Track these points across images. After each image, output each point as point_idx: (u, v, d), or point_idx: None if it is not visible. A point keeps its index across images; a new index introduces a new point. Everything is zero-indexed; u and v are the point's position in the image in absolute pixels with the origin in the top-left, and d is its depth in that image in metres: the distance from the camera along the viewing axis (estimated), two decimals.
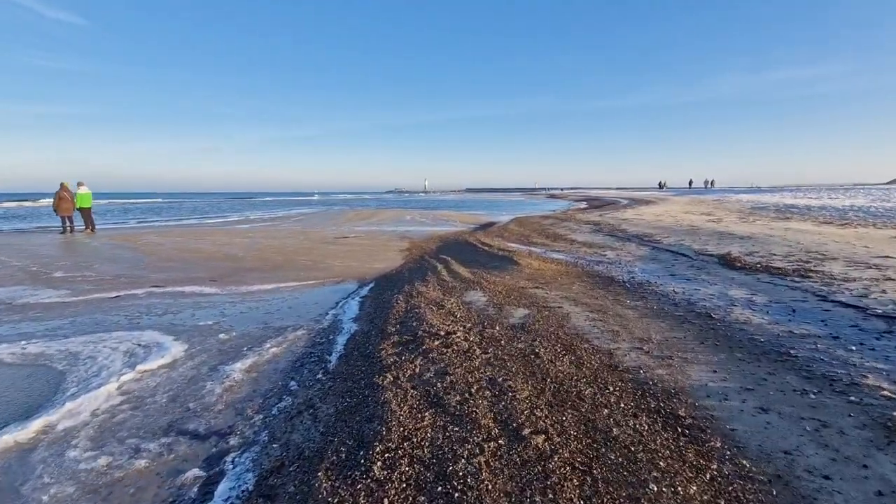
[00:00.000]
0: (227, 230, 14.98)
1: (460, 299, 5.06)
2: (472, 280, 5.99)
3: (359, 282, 6.85)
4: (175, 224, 19.20)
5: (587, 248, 8.41)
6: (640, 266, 6.33)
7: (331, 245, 10.70)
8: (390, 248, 10.19)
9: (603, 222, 13.18)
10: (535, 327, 3.88)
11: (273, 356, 3.82)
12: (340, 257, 8.95)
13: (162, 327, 4.60)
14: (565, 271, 6.28)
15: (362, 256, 9.04)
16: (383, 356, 3.48)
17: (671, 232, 9.77)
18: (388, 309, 4.92)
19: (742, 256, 6.26)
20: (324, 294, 6.10)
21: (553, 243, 9.50)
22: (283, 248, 10.22)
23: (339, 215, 23.90)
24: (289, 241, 11.34)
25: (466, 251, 8.92)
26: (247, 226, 17.60)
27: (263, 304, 5.57)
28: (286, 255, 9.25)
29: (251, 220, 21.35)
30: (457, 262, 7.61)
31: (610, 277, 5.62)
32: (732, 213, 13.95)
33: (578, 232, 11.23)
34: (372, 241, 11.32)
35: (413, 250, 9.64)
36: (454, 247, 9.72)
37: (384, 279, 6.86)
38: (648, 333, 3.54)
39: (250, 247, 10.35)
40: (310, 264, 8.22)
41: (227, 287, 6.46)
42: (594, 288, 5.19)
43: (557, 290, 5.19)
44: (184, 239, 11.88)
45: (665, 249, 7.47)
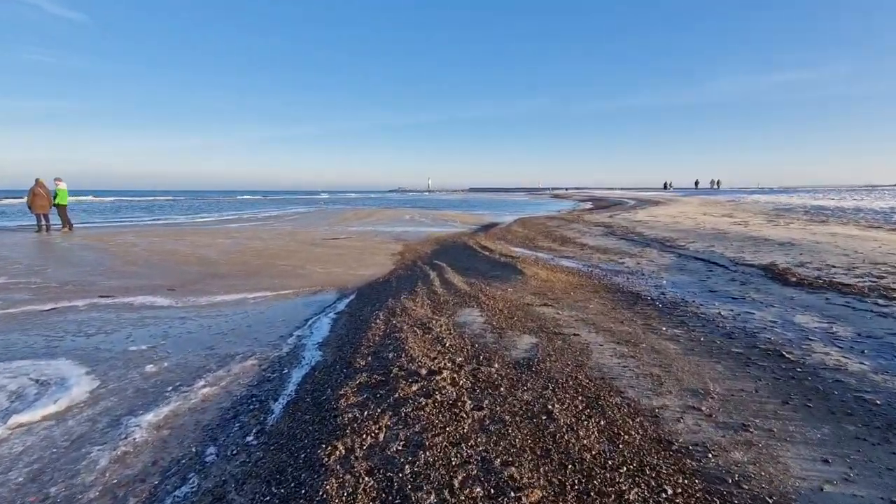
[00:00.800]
0: (213, 230, 14.13)
1: (452, 320, 4.14)
2: (468, 293, 5.07)
3: (339, 292, 5.96)
4: (162, 223, 18.39)
5: (601, 253, 7.45)
6: (668, 278, 5.38)
7: (317, 248, 9.81)
8: (381, 251, 9.29)
9: (615, 224, 12.21)
10: (545, 366, 2.95)
11: (202, 400, 2.92)
12: (324, 262, 8.05)
13: (81, 354, 3.71)
14: (579, 283, 5.34)
15: (349, 261, 8.14)
16: (340, 408, 2.57)
17: (695, 236, 8.78)
18: (364, 331, 4.02)
19: (792, 268, 5.30)
20: (295, 308, 5.20)
21: (561, 248, 8.55)
22: (265, 250, 9.34)
23: (337, 214, 23.04)
24: (273, 243, 10.46)
25: (464, 256, 8.00)
26: (236, 225, 16.75)
27: (220, 320, 4.68)
28: (266, 258, 8.37)
29: (244, 219, 20.51)
30: (452, 269, 6.68)
31: (634, 293, 4.68)
32: (756, 214, 12.94)
33: (589, 235, 10.27)
34: (363, 244, 10.41)
35: (406, 254, 8.72)
36: (451, 251, 8.80)
37: (368, 289, 5.96)
38: (703, 381, 2.60)
39: (230, 249, 9.48)
40: (289, 270, 7.32)
41: (185, 298, 5.58)
42: (617, 307, 4.25)
43: (571, 309, 4.26)
44: (162, 239, 11.02)
45: (693, 257, 6.51)
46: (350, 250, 9.39)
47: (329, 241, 10.95)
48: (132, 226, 16.42)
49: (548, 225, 13.48)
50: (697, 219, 12.41)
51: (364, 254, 8.95)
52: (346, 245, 10.13)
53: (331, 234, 12.44)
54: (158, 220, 19.74)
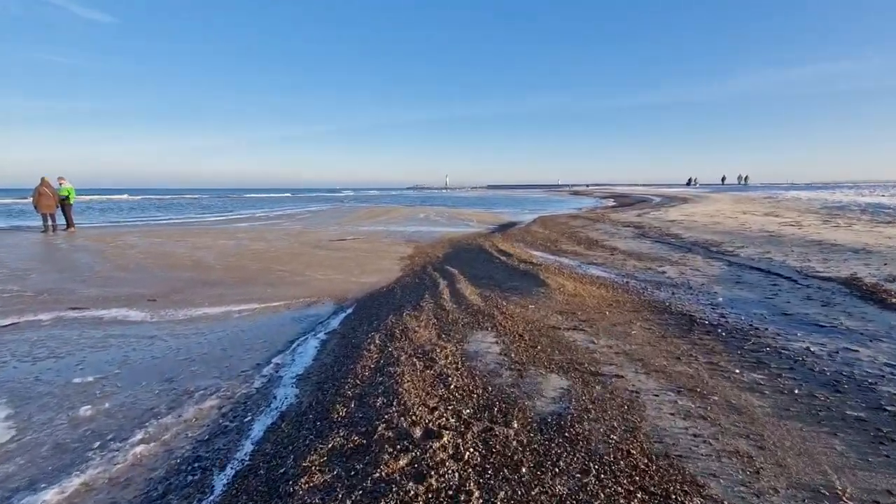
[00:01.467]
0: (220, 229, 13.71)
1: (461, 347, 3.38)
2: (481, 310, 4.29)
3: (336, 304, 5.27)
4: (173, 222, 18.18)
5: (636, 260, 6.54)
6: (723, 294, 4.47)
7: (322, 250, 9.17)
8: (390, 254, 8.58)
9: (645, 224, 11.18)
10: (583, 429, 2.16)
11: (130, 465, 2.24)
12: (326, 267, 7.39)
13: (15, 388, 3.10)
14: (614, 299, 4.49)
15: (353, 266, 7.46)
16: (297, 494, 1.84)
17: (743, 239, 7.73)
18: (354, 360, 3.30)
19: (884, 284, 4.32)
20: (281, 325, 4.53)
21: (589, 252, 7.66)
22: (266, 252, 8.75)
23: (351, 213, 22.51)
24: (277, 244, 9.88)
25: (479, 261, 7.21)
26: (246, 224, 16.35)
27: (193, 341, 4.04)
28: (265, 262, 7.76)
29: (255, 218, 20.18)
30: (465, 277, 5.91)
31: (686, 314, 3.81)
32: (804, 213, 11.69)
33: (618, 237, 9.31)
34: (371, 246, 9.73)
35: (416, 259, 7.99)
36: (466, 255, 8.02)
37: (369, 301, 5.25)
38: (821, 470, 1.77)
39: (230, 251, 8.93)
40: (286, 276, 6.68)
41: (163, 311, 4.98)
42: (666, 334, 3.40)
43: (608, 336, 3.43)
44: (164, 240, 10.59)
45: (749, 266, 5.55)
46: (356, 254, 8.72)
47: (335, 242, 10.32)
48: (143, 225, 16.21)
49: (571, 225, 12.54)
50: (739, 218, 11.26)
51: (370, 258, 8.25)
52: (353, 248, 9.46)
53: (339, 235, 11.81)
54: (171, 220, 19.58)
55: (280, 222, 17.26)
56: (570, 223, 13.01)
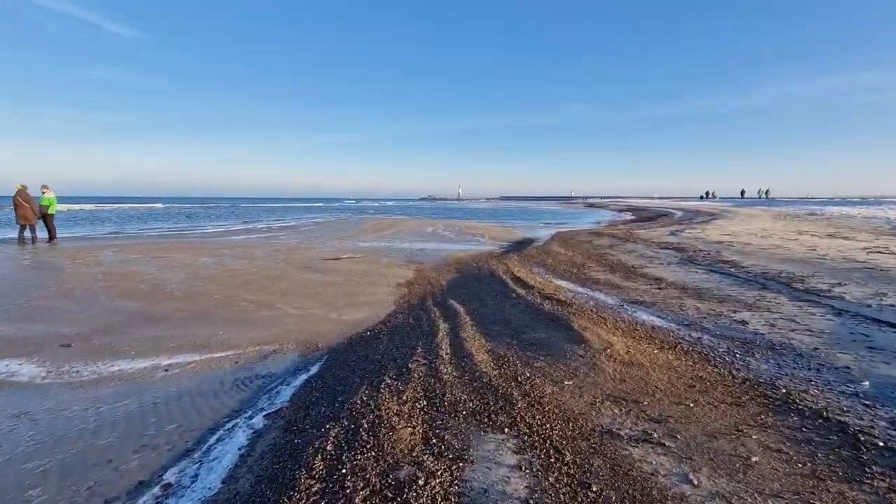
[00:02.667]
0: (209, 243, 12.61)
1: (457, 476, 2.01)
2: (494, 386, 2.92)
3: (301, 356, 3.98)
4: (168, 233, 17.26)
5: (695, 299, 5.07)
6: (863, 370, 2.93)
7: (310, 272, 7.91)
8: (386, 279, 7.27)
9: (687, 245, 9.61)
10: None
11: None
12: (307, 296, 6.11)
13: None
14: (692, 373, 3.05)
15: (338, 295, 6.16)
16: None
17: (829, 271, 6.05)
18: (283, 487, 1.96)
19: None
20: (215, 393, 3.25)
21: (628, 284, 6.22)
22: (243, 274, 7.52)
23: (356, 225, 21.37)
24: (261, 264, 8.66)
25: (492, 294, 5.84)
26: (242, 237, 15.27)
27: (74, 425, 2.78)
28: (234, 288, 6.51)
29: (257, 230, 19.17)
30: (473, 320, 4.56)
31: (832, 419, 2.31)
32: (879, 234, 10.02)
33: (658, 262, 7.83)
34: (367, 267, 8.44)
35: (415, 286, 6.66)
36: (475, 284, 6.67)
37: (343, 353, 3.93)
38: None
39: (201, 272, 7.73)
40: (250, 310, 5.42)
41: (70, 363, 3.74)
42: (817, 467, 1.97)
43: (715, 469, 2.01)
44: (139, 256, 9.48)
45: (870, 318, 3.98)
46: (347, 277, 7.43)
47: (328, 262, 9.06)
48: (136, 237, 15.28)
49: (596, 244, 11.07)
50: (800, 240, 9.63)
51: (362, 283, 6.95)
52: (345, 269, 8.18)
53: (334, 252, 10.57)
54: (171, 230, 18.72)
55: (279, 235, 16.16)
56: (595, 242, 11.53)
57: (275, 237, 15.21)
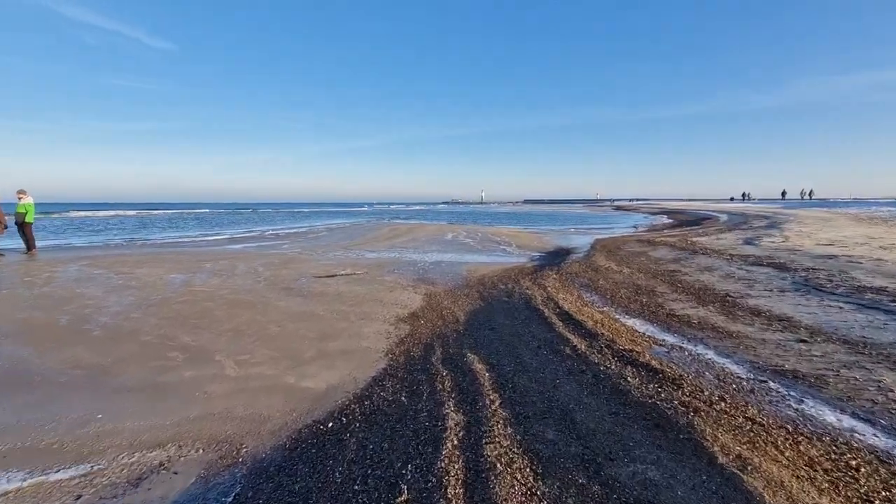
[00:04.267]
0: (197, 253, 11.14)
1: None
2: None
3: (200, 479, 2.17)
4: (161, 242, 16.07)
5: (887, 367, 3.03)
6: None
7: (289, 297, 6.18)
8: (383, 309, 5.46)
9: (783, 259, 7.30)
10: None
11: None
12: (265, 338, 4.35)
13: None
14: None
15: (310, 338, 4.38)
16: None
17: None
18: None
19: None
20: None
21: (737, 327, 4.18)
22: (204, 300, 5.86)
23: (370, 231, 19.75)
24: (236, 283, 7.01)
25: (531, 345, 3.93)
26: (239, 246, 13.82)
27: None
28: (176, 324, 4.83)
29: (261, 237, 17.82)
30: (505, 406, 2.68)
31: None
32: None
33: (759, 286, 5.70)
34: (364, 289, 6.65)
35: (421, 322, 4.82)
36: (504, 319, 4.77)
37: (273, 479, 2.09)
38: None
39: (154, 296, 6.12)
40: (174, 366, 3.69)
41: None
42: None
43: None
44: (104, 271, 8.04)
45: None
46: (333, 305, 5.65)
47: (320, 280, 7.33)
48: (123, 247, 14.08)
49: (654, 256, 8.95)
50: None
51: (350, 316, 5.15)
52: (335, 292, 6.41)
53: (330, 267, 8.85)
54: (168, 240, 17.60)
55: (282, 243, 14.66)
56: (652, 254, 9.39)
57: (276, 246, 13.70)
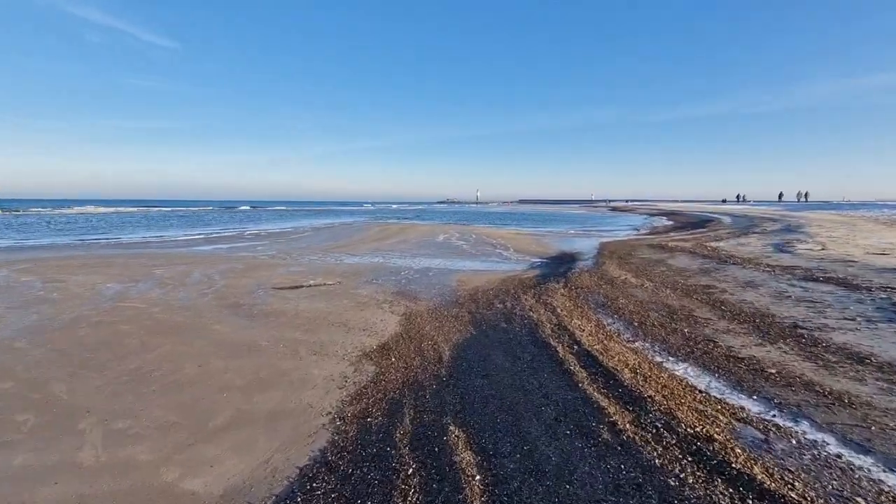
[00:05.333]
0: (155, 256, 9.84)
1: None
2: None
3: None
4: (126, 243, 14.76)
5: None
6: None
7: (232, 318, 4.96)
8: (346, 339, 4.24)
9: (843, 274, 6.03)
10: None
11: None
12: (168, 388, 3.13)
13: None
14: None
15: (233, 387, 3.16)
16: None
17: None
18: None
19: None
20: None
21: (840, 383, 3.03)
22: (122, 321, 4.63)
23: (358, 232, 18.50)
24: (174, 297, 5.77)
25: (540, 399, 2.76)
26: (209, 248, 12.54)
27: None
28: (63, 362, 3.59)
29: (237, 237, 16.51)
30: None
31: None
32: None
33: (832, 310, 4.51)
34: (330, 307, 5.43)
35: (392, 360, 3.61)
36: (502, 358, 3.59)
37: None
38: None
39: (65, 315, 4.90)
40: (12, 442, 2.44)
41: None
42: None
43: None
44: (34, 278, 6.79)
45: None
46: (285, 330, 4.43)
47: (280, 294, 6.11)
48: (81, 248, 12.75)
49: (675, 266, 7.80)
50: None
51: (302, 349, 3.93)
52: (292, 312, 5.18)
53: (298, 277, 7.63)
54: (133, 240, 16.28)
55: (257, 245, 13.37)
56: (670, 262, 8.23)
57: (250, 248, 12.42)
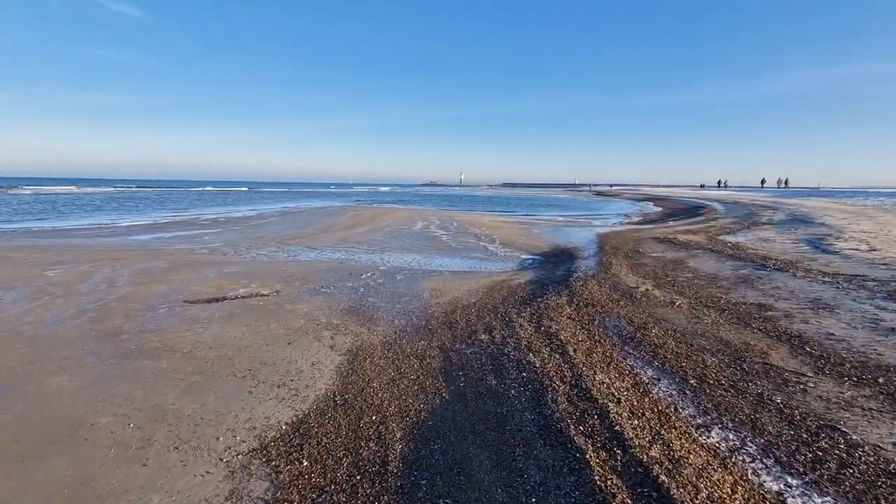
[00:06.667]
0: (59, 249, 8.05)
1: None
2: None
3: None
4: (44, 230, 12.80)
5: None
6: None
7: (90, 364, 3.40)
8: (249, 403, 2.76)
9: None
10: None
11: None
12: None
13: None
14: None
15: None
16: None
17: None
18: None
19: None
20: None
21: None
22: None
23: (326, 217, 16.74)
24: (41, 318, 4.16)
25: None
26: (147, 236, 10.72)
27: None
28: None
29: (186, 224, 14.63)
30: None
31: None
32: None
33: None
34: (249, 339, 3.90)
35: (306, 461, 2.13)
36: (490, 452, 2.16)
37: None
38: None
39: None
40: None
41: None
42: None
43: None
44: None
45: None
46: (153, 394, 2.91)
47: (196, 306, 4.54)
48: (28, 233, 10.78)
49: (695, 268, 6.49)
50: None
51: (159, 432, 2.43)
52: (190, 346, 3.64)
53: (222, 285, 6.05)
54: (57, 227, 14.28)
55: (204, 233, 11.57)
56: (690, 264, 6.89)
57: (196, 237, 10.64)
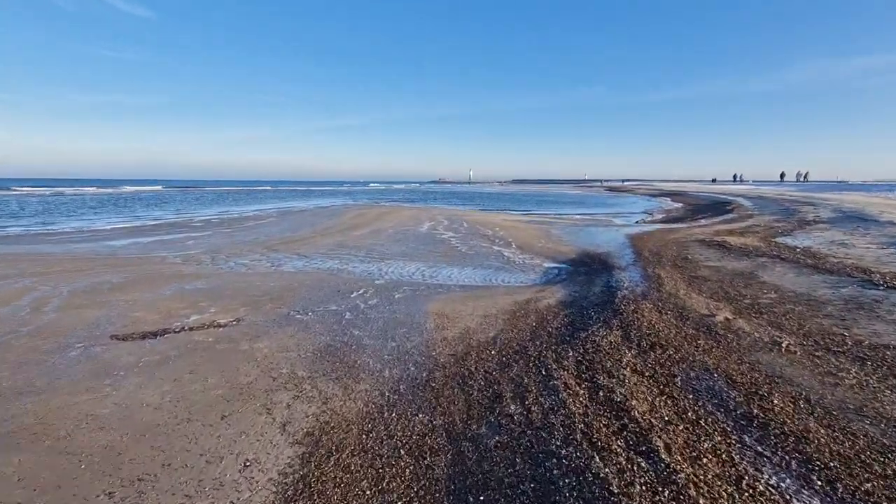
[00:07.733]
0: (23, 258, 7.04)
1: None
2: None
3: None
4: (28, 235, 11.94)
5: None
6: None
7: None
8: None
9: None
10: None
11: None
12: None
13: None
14: None
15: None
16: None
17: None
18: None
19: None
20: None
21: None
22: None
23: (327, 218, 15.67)
24: None
25: None
26: (125, 241, 9.76)
27: None
28: None
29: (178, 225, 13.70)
30: None
31: None
32: None
33: None
34: (163, 412, 2.80)
35: None
36: None
37: None
38: None
39: None
40: None
41: None
42: None
43: None
44: None
45: None
46: None
47: (127, 342, 3.46)
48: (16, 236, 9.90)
49: (783, 288, 5.08)
50: None
51: None
52: (68, 432, 2.54)
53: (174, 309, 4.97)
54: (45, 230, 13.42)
55: (189, 237, 10.56)
56: (767, 279, 5.54)
57: (175, 242, 9.63)
